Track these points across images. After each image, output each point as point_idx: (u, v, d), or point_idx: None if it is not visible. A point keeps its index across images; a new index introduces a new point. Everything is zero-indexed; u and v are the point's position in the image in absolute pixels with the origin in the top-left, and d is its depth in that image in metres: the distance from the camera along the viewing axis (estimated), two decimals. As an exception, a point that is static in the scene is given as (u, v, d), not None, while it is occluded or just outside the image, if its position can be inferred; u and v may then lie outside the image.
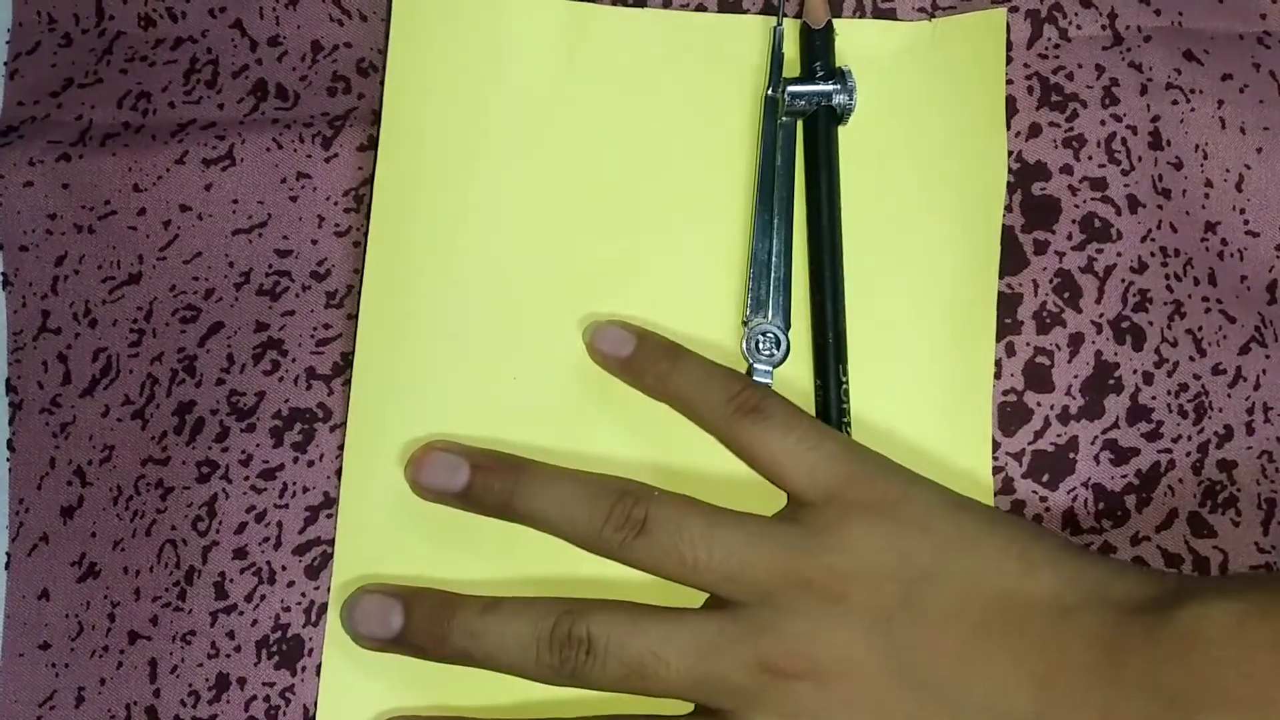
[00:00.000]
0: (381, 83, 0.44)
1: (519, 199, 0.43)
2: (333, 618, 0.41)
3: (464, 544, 0.42)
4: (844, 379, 0.42)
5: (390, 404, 0.42)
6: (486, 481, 0.41)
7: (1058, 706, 0.37)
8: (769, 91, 0.43)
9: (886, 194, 0.43)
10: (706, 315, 0.43)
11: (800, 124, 0.44)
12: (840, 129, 0.43)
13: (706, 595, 0.40)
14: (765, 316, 0.42)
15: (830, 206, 0.43)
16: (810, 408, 0.43)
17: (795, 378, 0.43)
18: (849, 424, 0.42)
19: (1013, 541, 0.39)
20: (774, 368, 0.42)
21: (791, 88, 0.43)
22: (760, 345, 0.42)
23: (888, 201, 0.43)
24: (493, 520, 0.41)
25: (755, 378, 0.42)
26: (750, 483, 0.41)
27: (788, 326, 0.43)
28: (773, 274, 0.43)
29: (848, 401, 0.42)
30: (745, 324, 0.43)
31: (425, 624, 0.40)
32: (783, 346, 0.42)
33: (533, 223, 0.43)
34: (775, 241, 0.43)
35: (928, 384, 0.43)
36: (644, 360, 0.42)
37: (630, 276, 0.43)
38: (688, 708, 0.40)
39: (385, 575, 0.41)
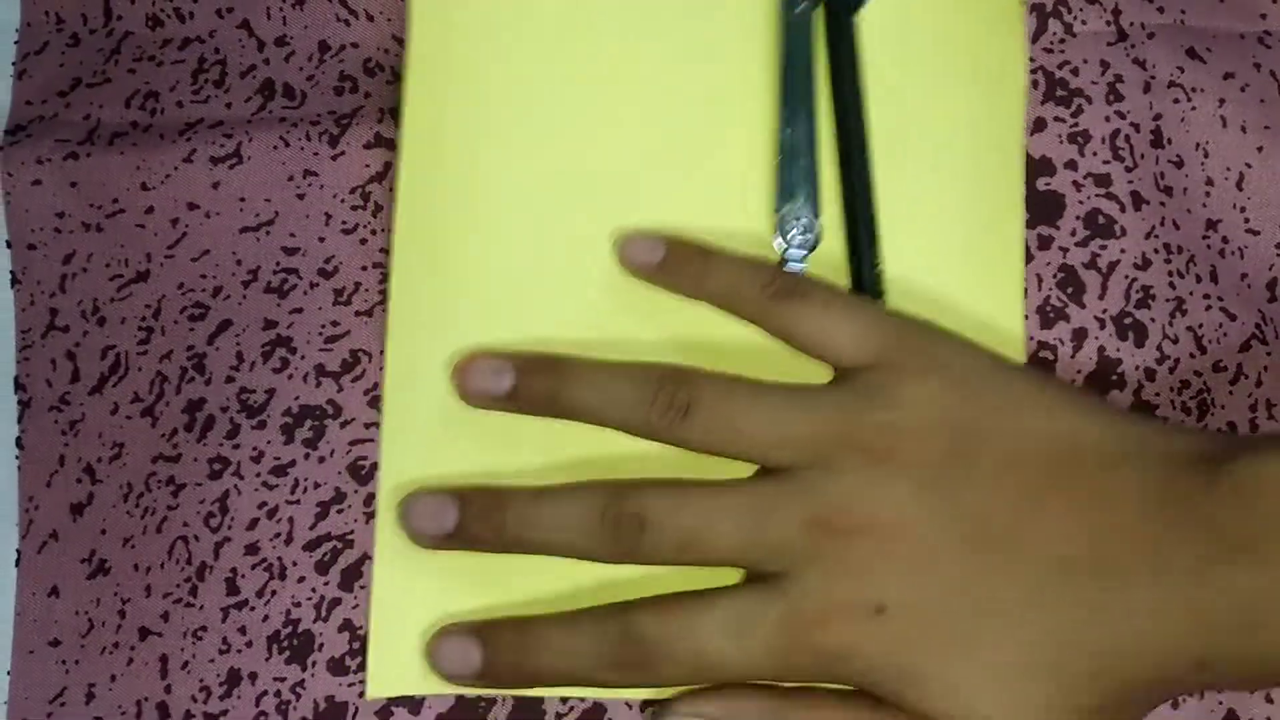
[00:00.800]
0: (391, 73, 0.44)
1: (546, 105, 0.44)
2: (381, 532, 0.42)
3: (507, 445, 0.42)
4: (877, 262, 0.42)
5: (428, 317, 0.43)
6: (531, 381, 0.41)
7: (1114, 553, 0.37)
8: None
9: (908, 85, 0.44)
10: (739, 207, 0.43)
11: (819, 14, 0.44)
12: (861, 29, 0.44)
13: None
14: (796, 204, 0.43)
15: (853, 91, 0.43)
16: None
17: (829, 265, 0.43)
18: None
19: (1063, 398, 0.39)
20: (807, 253, 0.43)
21: None
22: (792, 232, 0.43)
23: (910, 92, 0.44)
24: (534, 421, 0.41)
25: (789, 265, 0.42)
26: (792, 369, 0.41)
27: (818, 214, 0.43)
28: (799, 161, 0.43)
29: (883, 284, 0.42)
30: (777, 212, 0.43)
31: (480, 516, 0.40)
32: (815, 231, 0.43)
33: (562, 127, 0.43)
34: (800, 130, 0.43)
35: (959, 263, 0.43)
36: (676, 263, 0.42)
37: (661, 174, 0.43)
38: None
39: (432, 479, 0.42)
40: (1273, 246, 0.45)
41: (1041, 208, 0.44)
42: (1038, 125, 0.44)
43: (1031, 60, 0.44)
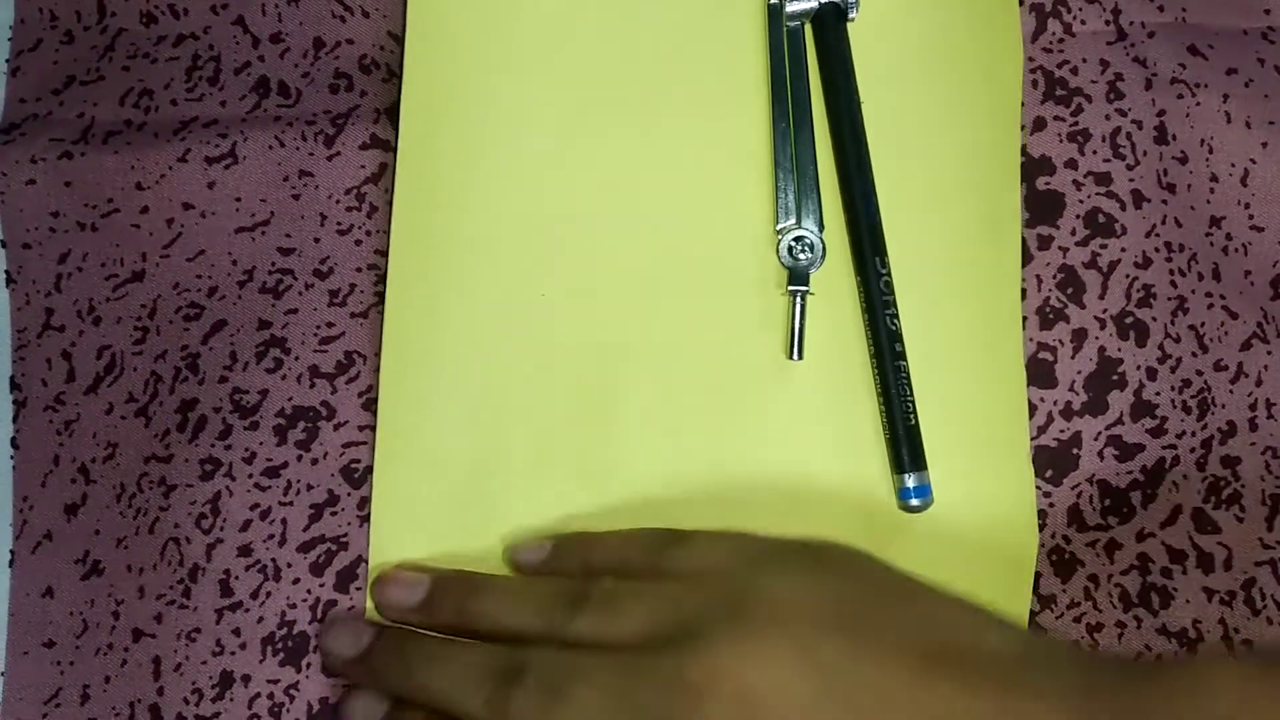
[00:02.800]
0: (386, 71, 0.44)
1: (543, 121, 0.43)
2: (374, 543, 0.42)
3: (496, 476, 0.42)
4: (883, 270, 0.42)
5: (422, 320, 0.43)
6: (443, 592, 0.41)
7: None
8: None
9: (906, 91, 0.44)
10: (741, 228, 0.43)
11: (809, 26, 0.44)
12: (858, 36, 0.43)
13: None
14: (796, 222, 0.43)
15: (849, 104, 0.43)
16: (854, 303, 0.43)
17: (837, 276, 0.43)
18: (894, 315, 0.42)
19: (965, 604, 0.36)
20: (811, 270, 0.42)
21: None
22: (795, 251, 0.42)
23: (908, 98, 0.44)
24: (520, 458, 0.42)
25: (793, 285, 0.42)
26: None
27: (821, 228, 0.43)
28: (797, 179, 0.43)
29: (891, 294, 0.42)
30: (778, 230, 0.43)
31: (385, 655, 0.40)
32: (817, 249, 0.42)
33: (555, 142, 0.43)
34: (796, 146, 0.43)
35: (962, 270, 0.43)
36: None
37: (661, 198, 0.43)
38: None
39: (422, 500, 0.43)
40: (1276, 243, 0.44)
41: (1041, 207, 0.43)
42: (1037, 124, 0.44)
43: (1030, 60, 0.44)
